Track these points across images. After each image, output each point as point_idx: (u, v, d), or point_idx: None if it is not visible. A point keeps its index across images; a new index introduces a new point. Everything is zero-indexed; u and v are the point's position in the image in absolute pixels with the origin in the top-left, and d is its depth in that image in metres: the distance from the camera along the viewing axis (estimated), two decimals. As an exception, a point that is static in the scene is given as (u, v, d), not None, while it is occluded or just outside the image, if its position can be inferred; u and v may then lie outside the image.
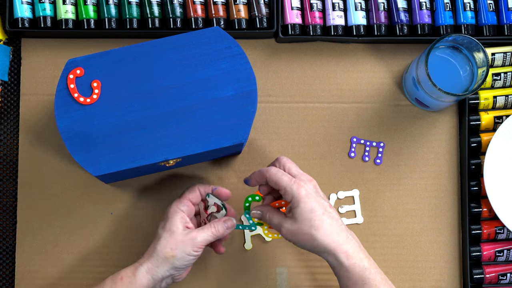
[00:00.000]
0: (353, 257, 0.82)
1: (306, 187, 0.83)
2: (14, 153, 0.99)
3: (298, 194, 0.83)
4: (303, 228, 0.82)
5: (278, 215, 0.86)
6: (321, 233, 0.82)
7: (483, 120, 1.00)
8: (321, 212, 0.82)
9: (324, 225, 0.82)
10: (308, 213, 0.82)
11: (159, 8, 0.98)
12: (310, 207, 0.82)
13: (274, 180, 0.85)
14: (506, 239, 1.00)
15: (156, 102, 0.86)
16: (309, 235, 0.82)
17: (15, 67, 1.00)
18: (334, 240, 0.82)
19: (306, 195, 0.83)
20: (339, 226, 0.83)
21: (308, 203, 0.82)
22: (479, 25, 1.00)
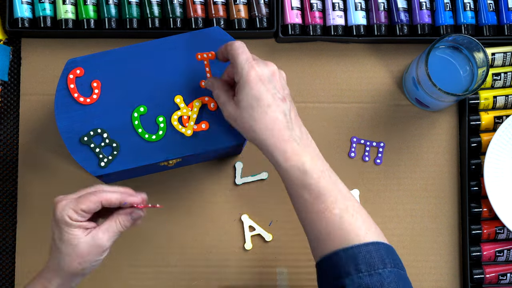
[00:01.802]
0: (292, 158, 0.74)
1: (260, 71, 0.74)
2: (14, 153, 0.99)
3: (247, 76, 0.74)
4: (244, 116, 0.75)
5: (226, 94, 0.78)
6: (260, 126, 0.74)
7: (483, 120, 1.00)
8: (266, 103, 0.74)
9: (266, 118, 0.74)
10: (251, 100, 0.74)
11: (159, 8, 0.98)
12: (256, 94, 0.74)
13: (232, 54, 0.76)
14: (506, 239, 1.00)
15: (156, 102, 0.86)
16: (247, 124, 0.75)
17: (15, 67, 1.00)
18: (273, 136, 0.74)
19: (256, 80, 0.74)
20: (286, 122, 0.75)
21: (254, 89, 0.74)
22: (479, 25, 1.00)
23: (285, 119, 0.75)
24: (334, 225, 0.73)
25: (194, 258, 0.98)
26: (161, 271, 0.98)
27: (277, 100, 0.75)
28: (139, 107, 0.85)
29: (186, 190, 0.99)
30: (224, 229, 0.99)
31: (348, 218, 0.74)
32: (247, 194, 1.00)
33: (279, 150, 0.74)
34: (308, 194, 0.74)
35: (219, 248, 0.99)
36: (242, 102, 0.75)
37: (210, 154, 0.90)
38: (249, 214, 0.99)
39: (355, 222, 0.74)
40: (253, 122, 0.74)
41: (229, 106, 0.77)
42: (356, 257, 0.71)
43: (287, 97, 0.76)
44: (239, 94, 0.75)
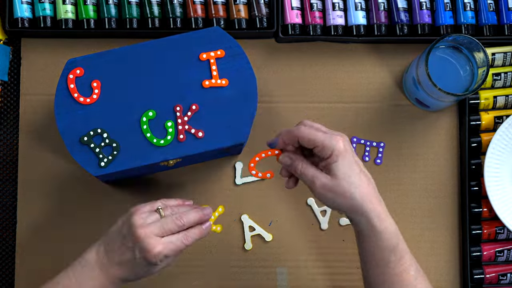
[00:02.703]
0: (386, 221, 0.77)
1: (344, 142, 0.77)
2: (14, 153, 0.99)
3: (338, 148, 0.76)
4: (342, 185, 0.77)
5: (312, 168, 0.79)
6: (360, 191, 0.77)
7: (483, 120, 1.00)
8: (358, 170, 0.77)
9: (363, 184, 0.77)
10: (347, 169, 0.77)
11: (159, 8, 0.98)
12: (349, 163, 0.77)
13: (307, 138, 0.78)
14: (506, 239, 1.00)
15: (156, 102, 0.86)
16: (347, 193, 0.77)
17: (15, 67, 1.00)
18: (371, 201, 0.77)
19: (345, 150, 0.77)
20: (373, 187, 0.79)
21: (347, 158, 0.77)
22: (479, 25, 1.00)
23: (373, 183, 0.79)
24: (409, 285, 0.79)
25: (194, 258, 0.98)
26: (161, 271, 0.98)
27: (362, 167, 0.79)
28: (147, 112, 0.85)
29: (186, 190, 0.99)
30: (224, 229, 0.99)
31: (421, 280, 0.79)
32: (247, 194, 1.00)
33: (375, 212, 0.77)
34: (394, 256, 0.78)
35: (219, 248, 0.99)
36: (339, 172, 0.77)
37: (210, 154, 0.90)
38: (249, 214, 0.99)
39: (424, 281, 0.80)
40: (354, 189, 0.77)
41: (322, 178, 0.78)
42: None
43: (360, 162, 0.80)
44: (334, 166, 0.77)
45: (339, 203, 0.78)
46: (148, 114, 0.86)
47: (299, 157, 0.81)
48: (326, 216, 0.99)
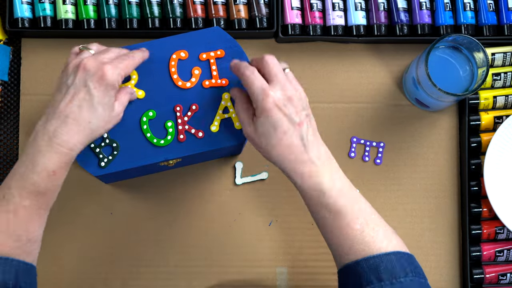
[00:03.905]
0: (309, 180, 0.76)
1: (275, 97, 0.75)
2: (14, 153, 0.99)
3: (263, 104, 0.75)
4: (261, 141, 0.77)
5: (246, 113, 0.79)
6: (277, 152, 0.76)
7: (483, 120, 1.00)
8: (282, 129, 0.75)
9: (282, 144, 0.75)
10: (268, 127, 0.75)
11: (159, 8, 0.98)
12: (272, 122, 0.75)
13: (245, 81, 0.77)
14: (506, 239, 1.00)
15: (156, 102, 0.86)
16: (265, 149, 0.77)
17: (15, 67, 1.00)
18: (290, 161, 0.76)
19: (271, 107, 0.75)
20: (302, 146, 0.76)
21: (270, 117, 0.75)
22: (479, 25, 1.00)
23: (301, 143, 0.76)
24: (355, 239, 0.75)
25: (194, 258, 0.98)
26: (161, 271, 0.98)
27: (294, 125, 0.76)
28: (147, 112, 0.85)
29: (186, 190, 0.99)
30: (224, 229, 0.99)
31: (369, 232, 0.76)
32: (247, 194, 1.00)
33: (296, 173, 0.76)
34: (328, 213, 0.76)
35: (219, 248, 0.99)
36: (260, 128, 0.77)
37: (210, 154, 0.90)
38: (250, 213, 0.99)
39: (377, 235, 0.76)
40: (270, 147, 0.76)
41: (248, 127, 0.79)
42: (378, 266, 0.73)
43: (305, 119, 0.77)
44: (256, 120, 0.77)
45: (260, 152, 0.79)
46: (148, 114, 0.86)
47: (242, 97, 0.81)
48: (326, 216, 0.99)
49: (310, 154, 0.76)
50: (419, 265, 0.76)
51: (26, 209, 0.74)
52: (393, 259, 0.74)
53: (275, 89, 0.76)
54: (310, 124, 0.78)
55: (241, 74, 0.79)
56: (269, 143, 0.76)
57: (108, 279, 0.98)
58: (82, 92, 0.75)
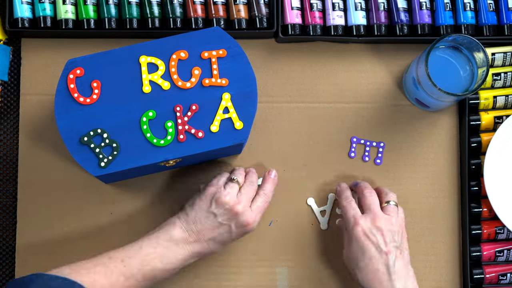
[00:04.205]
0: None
1: (365, 226, 0.86)
2: (14, 153, 0.99)
3: (352, 231, 0.86)
4: (351, 262, 0.87)
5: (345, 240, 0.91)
6: (363, 274, 0.85)
7: (483, 120, 1.00)
8: (369, 255, 0.85)
9: (368, 269, 0.84)
10: (357, 252, 0.86)
11: (159, 8, 0.98)
12: (360, 247, 0.85)
13: (342, 211, 0.90)
14: (506, 239, 1.00)
15: (156, 102, 0.86)
16: (353, 271, 0.87)
17: (15, 67, 1.00)
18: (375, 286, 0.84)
19: (360, 234, 0.86)
20: (388, 274, 0.84)
21: (359, 243, 0.86)
22: (479, 25, 1.00)
23: (387, 271, 0.84)
24: None
25: (194, 258, 0.98)
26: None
27: (381, 253, 0.85)
28: (147, 112, 0.85)
29: (186, 190, 0.99)
30: (224, 229, 0.99)
31: None
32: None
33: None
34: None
35: (219, 248, 0.99)
36: (349, 253, 0.88)
37: (210, 154, 0.90)
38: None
39: None
40: (357, 270, 0.86)
41: (344, 250, 0.90)
42: None
43: (394, 250, 0.86)
44: (347, 245, 0.89)
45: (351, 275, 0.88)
46: (148, 114, 0.86)
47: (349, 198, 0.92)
48: (326, 216, 0.99)
49: (394, 283, 0.84)
50: None
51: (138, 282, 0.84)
52: None
53: (366, 219, 0.87)
54: (400, 256, 0.86)
55: (340, 201, 0.92)
56: (357, 265, 0.86)
57: (108, 279, 0.98)
58: (224, 228, 0.88)
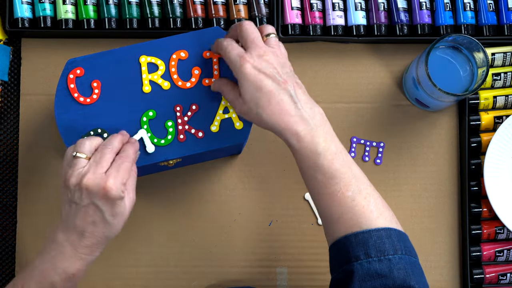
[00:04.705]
0: (304, 140, 0.74)
1: (253, 61, 0.75)
2: (14, 153, 0.99)
3: (242, 70, 0.75)
4: (251, 108, 0.76)
5: (233, 92, 0.79)
6: (268, 113, 0.75)
7: (483, 120, 1.00)
8: (268, 89, 0.75)
9: (272, 103, 0.74)
10: (253, 92, 0.75)
11: (159, 8, 0.98)
12: (255, 85, 0.75)
13: (223, 54, 0.79)
14: (506, 239, 1.00)
15: (156, 102, 0.86)
16: (257, 115, 0.76)
17: (15, 67, 1.00)
18: (282, 121, 0.74)
19: (251, 71, 0.75)
20: (293, 103, 0.75)
21: (252, 80, 0.75)
22: (479, 25, 1.00)
23: (291, 100, 0.75)
24: (346, 207, 0.74)
25: (194, 258, 0.98)
26: (161, 271, 0.98)
27: (279, 83, 0.75)
28: (147, 112, 0.85)
29: (186, 190, 0.99)
30: (224, 229, 0.99)
31: (361, 201, 0.74)
32: (247, 194, 1.00)
33: (291, 133, 0.75)
34: (321, 175, 0.75)
35: (219, 248, 0.99)
36: (246, 96, 0.76)
37: (210, 154, 0.90)
38: (249, 214, 0.99)
39: (368, 205, 0.75)
40: (261, 111, 0.75)
41: (237, 103, 0.79)
42: (367, 242, 0.72)
43: (290, 79, 0.76)
44: (241, 89, 0.77)
45: (256, 124, 0.78)
46: (148, 114, 0.86)
47: (222, 81, 0.81)
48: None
49: (303, 112, 0.75)
50: (411, 244, 0.75)
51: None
52: (383, 235, 0.73)
53: (252, 54, 0.76)
54: (297, 84, 0.77)
55: (219, 50, 0.79)
56: (259, 106, 0.75)
57: (109, 279, 0.98)
58: (91, 210, 0.76)
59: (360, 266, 0.71)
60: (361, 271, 0.71)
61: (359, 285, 0.71)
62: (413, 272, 0.71)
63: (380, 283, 0.70)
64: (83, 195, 0.76)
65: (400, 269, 0.71)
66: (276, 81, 0.75)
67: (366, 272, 0.71)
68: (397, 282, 0.69)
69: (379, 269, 0.70)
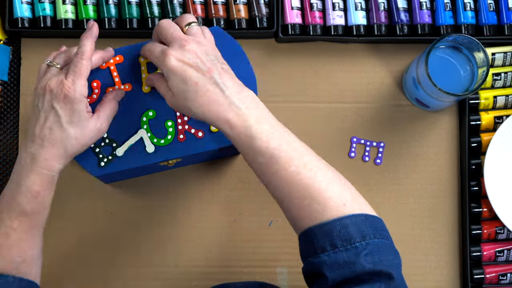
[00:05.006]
0: (236, 125, 0.74)
1: (175, 53, 0.75)
2: (14, 153, 0.99)
3: (166, 65, 0.75)
4: (180, 101, 0.76)
5: (163, 86, 0.78)
6: (196, 105, 0.74)
7: (483, 120, 1.00)
8: (193, 81, 0.74)
9: (198, 95, 0.74)
10: (180, 84, 0.74)
11: (159, 8, 0.98)
12: (180, 77, 0.74)
13: (149, 58, 0.79)
14: (506, 239, 1.00)
15: (156, 102, 0.86)
16: (186, 108, 0.75)
17: (15, 67, 1.00)
18: (212, 110, 0.74)
19: (174, 64, 0.74)
20: (220, 91, 0.74)
21: (177, 73, 0.74)
22: (479, 25, 1.00)
23: (218, 88, 0.74)
24: (292, 184, 0.73)
25: (194, 258, 0.98)
26: (161, 271, 0.98)
27: (204, 73, 0.74)
28: (147, 111, 0.85)
29: (186, 190, 0.99)
30: (224, 229, 0.99)
31: (306, 173, 0.73)
32: (247, 194, 1.00)
33: (222, 121, 0.74)
34: (261, 157, 0.73)
35: (219, 248, 0.99)
36: (173, 89, 0.76)
37: (210, 154, 0.90)
38: (249, 214, 0.99)
39: (315, 176, 0.73)
40: (189, 103, 0.75)
41: (167, 96, 0.78)
42: (331, 233, 0.71)
43: (214, 66, 0.75)
44: (168, 83, 0.76)
45: (190, 116, 0.77)
46: (148, 114, 0.86)
47: (154, 76, 0.81)
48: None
49: (231, 98, 0.74)
50: (382, 225, 0.74)
51: (16, 231, 0.76)
52: (348, 223, 0.71)
53: (174, 47, 0.76)
54: (223, 70, 0.76)
55: (144, 54, 0.80)
56: (187, 98, 0.75)
57: (109, 279, 0.98)
58: (51, 115, 0.77)
59: (327, 257, 0.70)
60: (329, 261, 0.70)
61: (329, 274, 0.70)
62: (382, 255, 0.70)
63: (349, 270, 0.69)
64: (46, 99, 0.77)
65: (367, 254, 0.70)
66: (200, 71, 0.75)
67: (334, 261, 0.70)
68: (366, 267, 0.69)
69: (347, 257, 0.70)
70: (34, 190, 0.77)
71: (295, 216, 0.74)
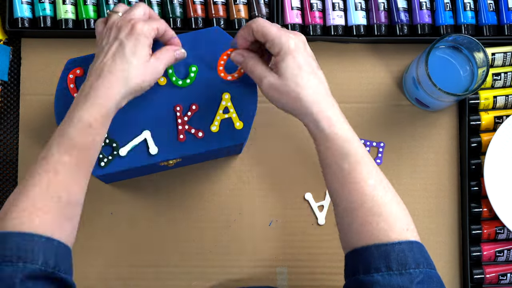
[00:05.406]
0: (336, 125, 0.74)
1: (296, 40, 0.75)
2: (14, 153, 0.99)
3: (287, 46, 0.74)
4: (289, 85, 0.74)
5: (262, 66, 0.77)
6: (307, 93, 0.74)
7: (483, 120, 1.00)
8: (309, 70, 0.75)
9: (311, 85, 0.74)
10: (295, 69, 0.74)
11: (159, 8, 0.98)
12: (298, 63, 0.75)
13: (261, 31, 0.76)
14: (506, 239, 1.00)
15: (156, 102, 0.86)
16: (294, 93, 0.74)
17: (15, 67, 1.00)
18: (319, 103, 0.74)
19: (296, 49, 0.75)
20: (325, 90, 0.76)
21: (296, 58, 0.74)
22: (479, 25, 1.00)
23: (325, 86, 0.76)
24: (367, 196, 0.73)
25: (194, 258, 0.98)
26: (161, 271, 0.98)
27: (316, 68, 0.76)
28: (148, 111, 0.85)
29: (186, 190, 0.99)
30: (224, 229, 0.99)
31: (381, 190, 0.74)
32: (247, 194, 1.00)
33: (324, 117, 0.74)
34: (347, 163, 0.74)
35: (219, 248, 0.99)
36: (286, 71, 0.75)
37: (210, 154, 0.90)
38: (249, 214, 0.99)
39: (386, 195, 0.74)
40: (300, 89, 0.74)
41: (270, 77, 0.76)
42: (389, 255, 0.71)
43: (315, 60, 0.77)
44: (281, 65, 0.75)
45: (284, 103, 0.76)
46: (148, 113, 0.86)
47: (251, 54, 0.79)
48: (323, 212, 0.99)
49: (333, 100, 0.76)
50: (429, 255, 0.74)
51: (65, 166, 0.72)
52: (405, 248, 0.72)
53: (290, 34, 0.76)
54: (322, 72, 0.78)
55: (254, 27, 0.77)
56: (298, 84, 0.74)
57: (109, 279, 0.98)
58: (114, 46, 0.75)
59: (381, 277, 0.71)
60: (382, 282, 0.70)
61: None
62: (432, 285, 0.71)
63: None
64: (112, 33, 0.76)
65: (420, 283, 0.70)
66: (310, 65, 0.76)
67: (388, 283, 0.70)
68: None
69: (401, 282, 0.70)
70: (86, 121, 0.72)
71: (354, 230, 0.74)
